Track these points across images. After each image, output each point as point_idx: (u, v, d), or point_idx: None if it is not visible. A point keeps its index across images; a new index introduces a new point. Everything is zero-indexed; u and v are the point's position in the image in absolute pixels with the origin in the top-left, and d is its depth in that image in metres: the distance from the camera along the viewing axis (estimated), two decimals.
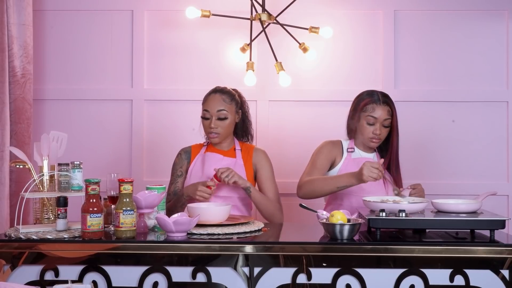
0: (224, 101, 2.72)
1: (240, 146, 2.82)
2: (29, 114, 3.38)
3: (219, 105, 2.71)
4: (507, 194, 3.54)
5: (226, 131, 2.73)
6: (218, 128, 2.71)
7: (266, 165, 2.79)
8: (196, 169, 2.75)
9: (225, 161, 2.74)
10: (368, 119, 2.66)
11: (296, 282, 2.07)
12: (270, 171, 2.80)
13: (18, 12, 3.34)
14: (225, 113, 2.71)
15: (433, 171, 3.57)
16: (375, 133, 2.65)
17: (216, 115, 2.70)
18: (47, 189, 2.37)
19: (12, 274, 2.11)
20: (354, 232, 2.13)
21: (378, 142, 2.69)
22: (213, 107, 2.71)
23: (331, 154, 2.73)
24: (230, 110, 2.73)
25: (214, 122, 2.70)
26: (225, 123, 2.72)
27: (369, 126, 2.66)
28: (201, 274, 2.08)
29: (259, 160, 2.79)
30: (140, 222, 2.25)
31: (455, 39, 3.59)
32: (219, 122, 2.71)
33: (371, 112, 2.65)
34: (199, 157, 2.79)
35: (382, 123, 2.66)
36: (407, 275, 2.07)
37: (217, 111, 2.70)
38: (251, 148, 2.82)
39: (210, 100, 2.73)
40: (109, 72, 3.65)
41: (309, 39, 3.50)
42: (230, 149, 2.80)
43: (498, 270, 2.06)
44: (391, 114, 2.67)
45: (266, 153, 2.83)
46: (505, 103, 3.56)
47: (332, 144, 2.76)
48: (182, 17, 3.52)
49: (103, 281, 2.10)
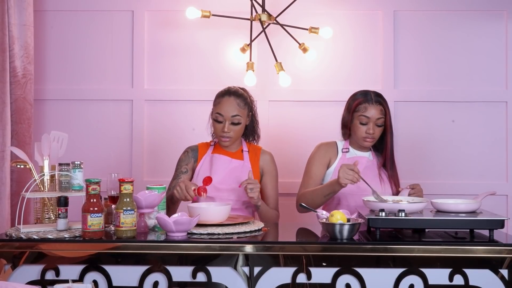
0: (238, 105, 2.68)
1: (248, 147, 2.80)
2: (30, 114, 3.39)
3: (234, 111, 2.66)
4: (506, 194, 3.55)
5: (238, 135, 2.72)
6: (231, 132, 2.67)
7: (272, 171, 2.79)
8: (203, 170, 2.73)
9: (233, 164, 2.73)
10: (361, 118, 2.67)
11: (296, 282, 2.08)
12: (275, 177, 2.80)
13: (19, 12, 3.34)
14: (239, 118, 2.67)
15: (433, 171, 3.57)
16: (368, 133, 2.66)
17: (230, 120, 2.66)
18: (47, 189, 2.37)
19: (13, 274, 2.12)
20: (353, 231, 2.14)
21: (372, 142, 2.70)
22: (227, 111, 2.66)
23: (324, 157, 2.74)
24: (243, 115, 2.70)
25: (228, 126, 2.66)
26: (238, 127, 2.69)
27: (362, 126, 2.67)
28: (201, 273, 2.09)
29: (266, 164, 2.79)
30: (140, 222, 2.25)
31: (454, 39, 3.59)
32: (233, 126, 2.67)
33: (364, 111, 2.66)
34: (207, 157, 2.77)
35: (375, 123, 2.66)
36: (407, 275, 2.07)
37: (231, 116, 2.66)
38: (258, 149, 2.81)
39: (224, 104, 2.68)
40: (110, 72, 3.65)
41: (309, 39, 3.50)
42: (238, 151, 2.78)
43: (497, 269, 2.07)
44: (384, 113, 2.68)
45: (273, 156, 2.83)
46: (504, 103, 3.57)
47: (326, 146, 2.77)
48: (182, 17, 3.52)
49: (103, 281, 2.10)
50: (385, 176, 2.73)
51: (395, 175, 2.74)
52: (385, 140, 2.72)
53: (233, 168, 2.70)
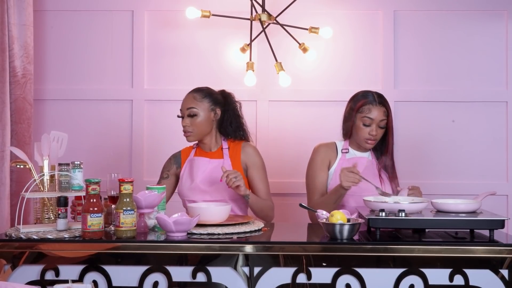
0: (194, 98, 2.71)
1: (228, 144, 2.77)
2: (30, 114, 3.39)
3: (188, 103, 2.71)
4: (506, 194, 3.55)
5: (199, 129, 2.71)
6: (190, 126, 2.70)
7: (257, 162, 2.74)
8: (186, 174, 2.75)
9: (212, 164, 2.71)
10: (364, 120, 2.66)
11: (296, 282, 2.08)
12: (261, 169, 2.74)
13: (19, 12, 3.34)
14: (195, 110, 2.69)
15: (433, 171, 3.57)
16: (371, 134, 2.65)
17: (186, 113, 2.71)
18: (47, 189, 2.37)
19: (13, 274, 2.12)
20: (354, 232, 2.13)
21: (374, 143, 2.69)
22: (183, 105, 2.73)
23: (324, 161, 2.73)
24: (201, 107, 2.70)
25: (185, 120, 2.70)
26: (196, 120, 2.69)
27: (365, 127, 2.66)
28: (201, 274, 2.08)
29: (249, 158, 2.73)
30: (140, 222, 2.25)
31: (454, 39, 3.59)
32: (190, 119, 2.70)
33: (367, 113, 2.65)
34: (188, 162, 2.78)
35: (378, 124, 2.66)
36: (407, 275, 2.07)
37: (187, 109, 2.70)
38: (239, 145, 2.77)
39: (183, 100, 2.75)
40: (110, 72, 3.65)
41: (309, 39, 3.50)
42: (217, 150, 2.76)
43: (498, 269, 2.06)
44: (386, 114, 2.67)
45: (256, 149, 2.77)
46: (505, 103, 3.57)
47: (325, 148, 2.76)
48: (182, 17, 3.52)
49: (103, 281, 2.10)
50: (385, 176, 2.73)
51: (395, 176, 2.74)
52: (386, 141, 2.71)
53: (213, 168, 2.70)
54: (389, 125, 2.69)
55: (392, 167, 2.73)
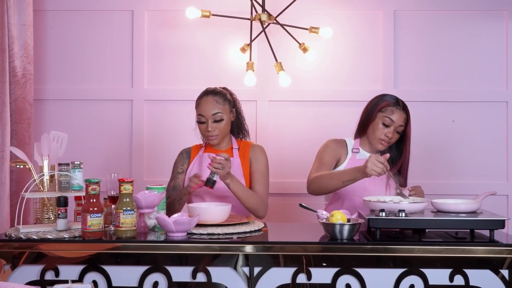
0: (217, 102, 2.69)
1: (238, 144, 2.80)
2: (30, 114, 3.39)
3: (213, 108, 2.68)
4: (506, 194, 3.55)
5: (224, 131, 2.72)
6: (216, 130, 2.68)
7: (261, 159, 2.75)
8: (194, 170, 2.74)
9: None
10: (384, 119, 2.66)
11: (296, 282, 2.07)
12: (264, 165, 2.75)
13: (19, 12, 3.34)
14: (220, 115, 2.68)
15: (433, 171, 3.57)
16: (387, 136, 2.65)
17: (211, 118, 2.67)
18: (47, 189, 2.37)
19: (13, 274, 2.11)
20: (354, 232, 2.13)
21: (386, 146, 2.69)
22: (207, 110, 2.68)
23: (337, 152, 2.74)
24: (224, 111, 2.70)
25: (211, 125, 2.67)
26: (222, 124, 2.69)
27: (383, 127, 2.67)
28: (201, 274, 2.08)
29: (255, 155, 2.76)
30: (140, 222, 2.25)
31: (455, 39, 3.59)
32: (216, 124, 2.68)
33: (390, 114, 2.66)
34: (197, 158, 2.79)
35: (396, 128, 2.66)
36: (407, 275, 2.07)
37: (212, 115, 2.67)
38: (248, 145, 2.80)
39: (203, 104, 2.70)
40: (109, 72, 3.65)
41: (309, 39, 3.50)
42: (228, 149, 2.78)
43: (498, 270, 2.06)
44: (406, 122, 2.68)
45: (263, 149, 2.79)
46: (505, 103, 3.57)
47: (337, 143, 2.77)
48: (182, 17, 3.52)
49: (103, 281, 2.10)
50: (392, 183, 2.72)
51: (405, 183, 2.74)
52: (404, 149, 2.72)
53: None
54: (408, 133, 2.70)
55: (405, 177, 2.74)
